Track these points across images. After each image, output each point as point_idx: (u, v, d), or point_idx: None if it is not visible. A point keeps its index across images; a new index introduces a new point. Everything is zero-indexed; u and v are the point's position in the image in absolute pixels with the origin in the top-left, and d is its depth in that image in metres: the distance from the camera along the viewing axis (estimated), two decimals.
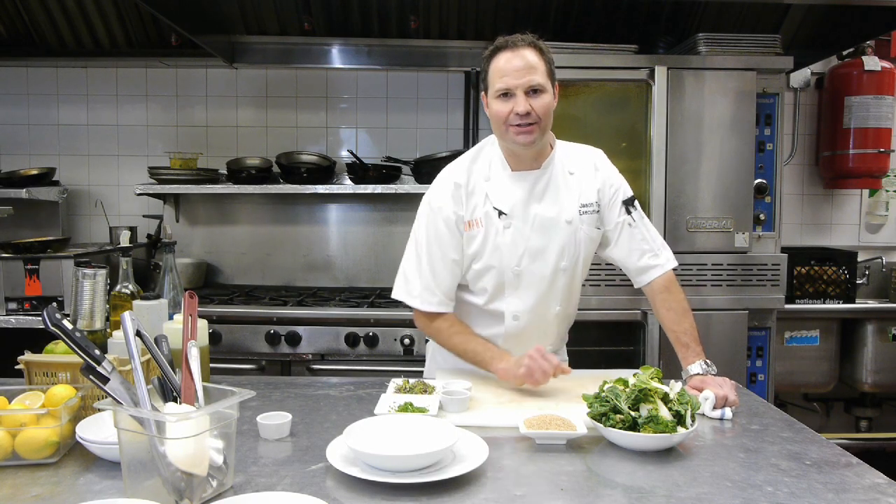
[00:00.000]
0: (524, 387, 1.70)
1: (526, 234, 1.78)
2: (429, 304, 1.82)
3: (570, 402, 1.60)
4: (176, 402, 1.16)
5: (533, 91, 1.68)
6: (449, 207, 1.79)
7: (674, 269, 1.87)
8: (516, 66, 1.67)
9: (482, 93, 1.79)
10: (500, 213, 1.78)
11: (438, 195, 1.82)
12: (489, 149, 1.85)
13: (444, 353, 1.98)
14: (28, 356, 1.48)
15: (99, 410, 1.32)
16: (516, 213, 1.78)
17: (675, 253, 1.92)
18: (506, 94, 1.69)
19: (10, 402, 1.32)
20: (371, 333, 2.87)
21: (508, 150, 1.80)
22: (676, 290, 1.84)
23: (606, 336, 3.00)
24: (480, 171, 1.82)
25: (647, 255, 1.85)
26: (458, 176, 1.81)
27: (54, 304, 2.85)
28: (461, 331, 1.83)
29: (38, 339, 1.60)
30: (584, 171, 1.85)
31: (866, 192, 3.80)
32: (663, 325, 1.84)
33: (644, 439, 1.30)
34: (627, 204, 1.85)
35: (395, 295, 1.88)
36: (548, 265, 1.80)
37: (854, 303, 3.35)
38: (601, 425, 1.34)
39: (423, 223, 1.84)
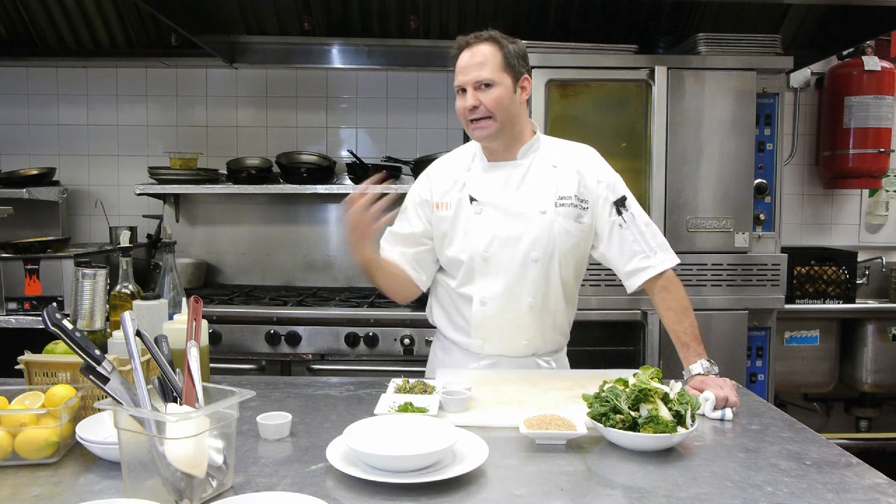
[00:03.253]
0: (524, 386, 1.71)
1: (497, 220, 1.83)
2: (382, 250, 1.92)
3: (570, 402, 1.59)
4: (176, 402, 1.16)
5: (485, 86, 1.75)
6: (416, 192, 1.94)
7: (673, 269, 1.85)
8: (466, 63, 1.76)
9: None
10: (472, 199, 1.85)
11: (417, 184, 1.98)
12: (476, 145, 1.92)
13: (435, 349, 2.01)
14: (28, 356, 1.48)
15: (99, 410, 1.32)
16: (487, 201, 1.85)
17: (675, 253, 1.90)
18: (462, 91, 1.78)
19: (10, 402, 1.32)
20: (371, 333, 2.87)
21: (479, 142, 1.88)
22: (676, 289, 1.83)
23: (606, 336, 3.00)
24: (461, 162, 1.92)
25: (638, 256, 1.83)
26: (432, 168, 1.97)
27: (54, 304, 2.84)
28: None
29: (38, 339, 1.60)
30: (569, 166, 1.86)
31: (866, 192, 3.80)
32: (665, 324, 1.83)
33: (644, 439, 1.30)
34: (618, 204, 1.84)
35: None
36: (517, 254, 1.82)
37: (854, 303, 3.35)
38: (601, 425, 1.34)
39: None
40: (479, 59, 1.75)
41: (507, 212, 1.83)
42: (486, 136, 1.79)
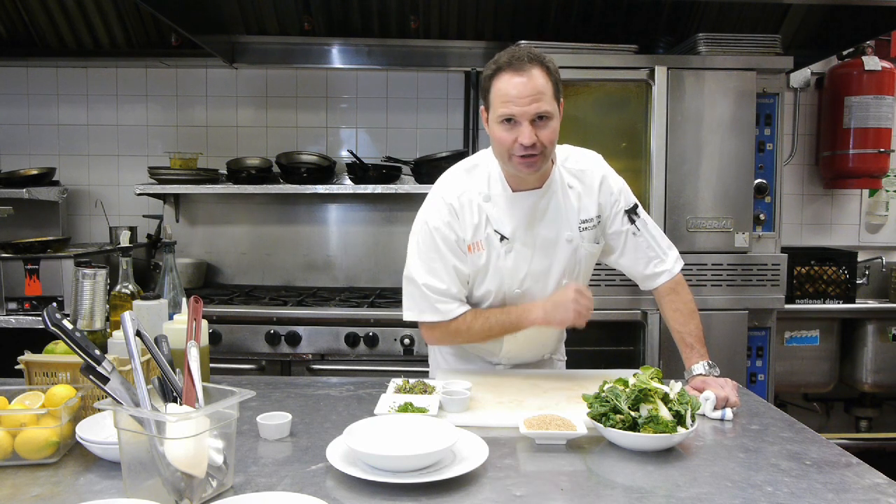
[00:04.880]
0: (524, 386, 1.71)
1: (528, 256, 1.75)
2: (448, 312, 1.74)
3: (570, 402, 1.60)
4: (176, 402, 1.16)
5: (539, 118, 1.58)
6: (446, 228, 1.73)
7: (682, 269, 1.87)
8: (522, 91, 1.56)
9: (481, 107, 1.70)
10: (502, 237, 1.73)
11: (434, 215, 1.75)
12: (487, 163, 1.77)
13: (445, 354, 2.00)
14: (28, 356, 1.48)
15: (99, 410, 1.32)
16: (518, 237, 1.74)
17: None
18: (509, 121, 1.59)
19: (10, 402, 1.32)
20: (371, 333, 2.87)
21: (509, 171, 1.73)
22: (684, 292, 1.84)
23: (606, 336, 3.00)
24: (478, 189, 1.75)
25: (654, 261, 1.83)
26: (450, 196, 1.75)
27: (54, 304, 2.85)
28: (477, 315, 1.76)
29: (38, 339, 1.60)
30: (584, 184, 1.79)
31: (866, 192, 3.80)
32: (669, 325, 1.84)
33: (644, 439, 1.30)
34: (630, 213, 1.82)
35: (407, 317, 1.80)
36: (549, 283, 1.79)
37: (854, 303, 3.35)
38: (601, 425, 1.34)
39: (419, 240, 1.77)
40: (535, 87, 1.56)
41: (537, 246, 1.76)
42: (534, 171, 1.65)
